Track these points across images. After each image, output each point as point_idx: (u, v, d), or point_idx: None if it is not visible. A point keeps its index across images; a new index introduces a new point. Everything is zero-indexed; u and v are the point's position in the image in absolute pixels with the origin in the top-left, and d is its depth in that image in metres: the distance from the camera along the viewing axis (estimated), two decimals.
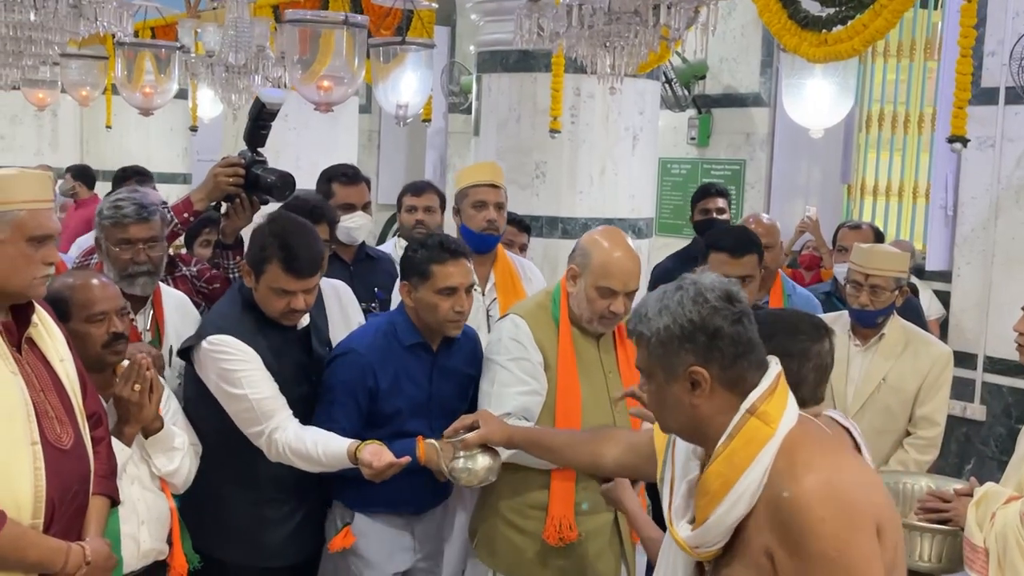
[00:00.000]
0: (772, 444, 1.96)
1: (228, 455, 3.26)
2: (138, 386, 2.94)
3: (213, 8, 5.75)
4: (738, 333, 2.02)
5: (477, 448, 2.90)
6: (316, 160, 5.86)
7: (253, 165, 3.80)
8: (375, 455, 3.04)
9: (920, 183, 7.45)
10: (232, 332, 3.21)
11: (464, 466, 2.90)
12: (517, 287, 4.15)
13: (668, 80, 7.96)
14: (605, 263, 3.29)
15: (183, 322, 3.51)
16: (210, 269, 3.89)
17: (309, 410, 3.30)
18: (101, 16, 3.43)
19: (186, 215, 3.78)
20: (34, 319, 2.60)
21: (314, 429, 3.21)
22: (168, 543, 3.08)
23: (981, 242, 6.20)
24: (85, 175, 9.47)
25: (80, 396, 2.66)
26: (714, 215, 5.51)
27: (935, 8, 7.32)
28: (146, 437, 3.03)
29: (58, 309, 2.83)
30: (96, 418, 2.73)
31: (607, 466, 2.80)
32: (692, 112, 8.39)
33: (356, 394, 3.28)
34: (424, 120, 6.53)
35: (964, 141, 3.59)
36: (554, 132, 5.05)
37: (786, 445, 1.97)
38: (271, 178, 3.78)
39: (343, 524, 3.38)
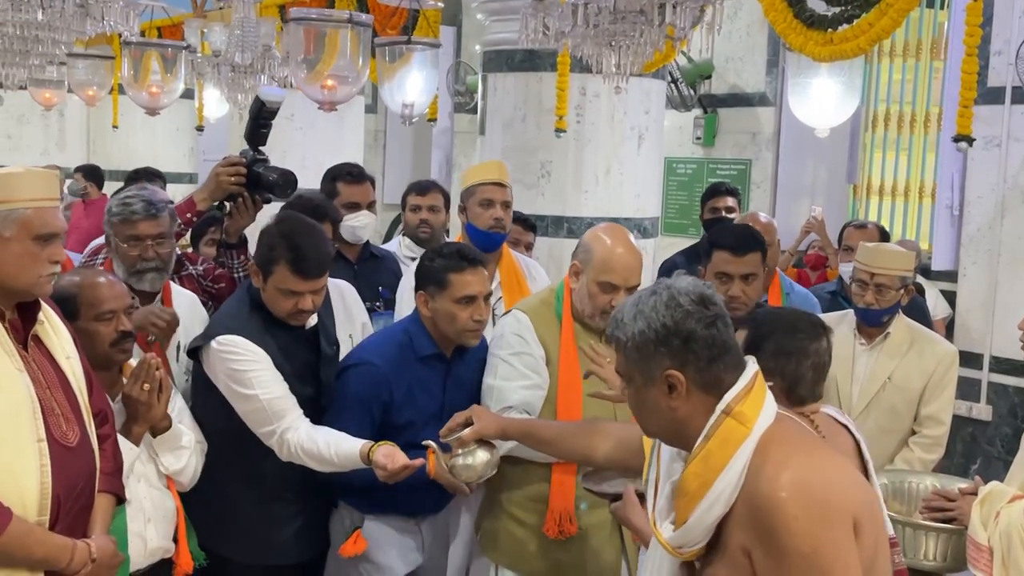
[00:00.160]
0: (748, 444, 1.98)
1: (235, 453, 3.26)
2: (147, 386, 2.95)
3: (219, 8, 5.76)
4: (712, 336, 2.04)
5: (474, 444, 2.92)
6: (322, 159, 5.86)
7: (254, 164, 3.81)
8: (389, 457, 3.04)
9: (926, 183, 7.44)
10: (241, 332, 3.21)
11: (463, 463, 2.92)
12: (522, 285, 4.16)
13: (674, 80, 7.95)
14: (607, 258, 3.32)
15: (192, 320, 3.53)
16: (216, 268, 3.90)
17: (316, 409, 3.31)
18: (108, 16, 3.43)
19: (189, 215, 3.80)
20: (40, 317, 2.61)
21: (326, 429, 3.21)
22: (174, 541, 3.09)
23: (987, 242, 6.19)
24: (95, 175, 9.50)
25: (86, 394, 2.67)
26: (723, 214, 5.51)
27: (941, 8, 7.31)
28: (154, 436, 3.04)
29: (66, 307, 2.84)
30: (102, 416, 2.74)
31: (598, 460, 2.85)
32: (698, 112, 8.38)
33: (370, 406, 3.28)
34: (430, 120, 6.54)
35: (970, 140, 3.58)
36: (559, 131, 5.04)
37: (762, 444, 1.98)
38: (272, 176, 3.78)
39: (353, 527, 3.37)
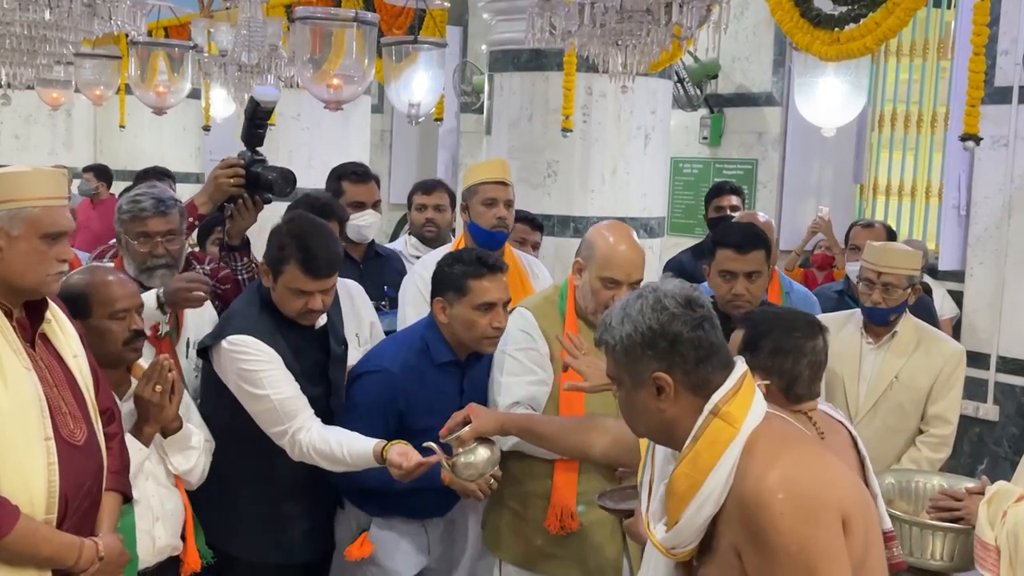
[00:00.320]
0: (736, 444, 1.99)
1: (244, 452, 3.27)
2: (159, 387, 2.95)
3: (226, 8, 5.77)
4: (699, 338, 2.05)
5: (474, 442, 2.92)
6: (328, 159, 5.87)
7: (253, 164, 3.82)
8: (403, 455, 3.04)
9: (933, 183, 7.42)
10: (251, 332, 3.21)
11: (465, 461, 2.92)
12: (525, 284, 4.16)
13: (680, 79, 7.94)
14: (608, 254, 3.33)
15: (201, 318, 3.53)
16: (222, 268, 3.91)
17: (324, 409, 3.31)
18: (115, 15, 3.44)
19: (191, 219, 3.80)
20: (48, 315, 2.62)
21: (337, 429, 3.21)
22: (181, 539, 3.10)
23: (994, 241, 6.17)
24: (105, 175, 9.53)
25: (93, 392, 2.67)
26: (728, 212, 5.52)
27: (948, 7, 7.30)
28: (165, 436, 3.04)
29: (78, 305, 2.84)
30: (109, 414, 2.75)
31: (595, 456, 2.88)
32: (704, 111, 8.38)
33: (385, 413, 3.28)
34: (436, 119, 6.55)
35: (977, 140, 3.58)
36: (566, 131, 5.05)
37: (750, 444, 1.99)
38: (272, 175, 3.80)
39: (359, 530, 3.38)
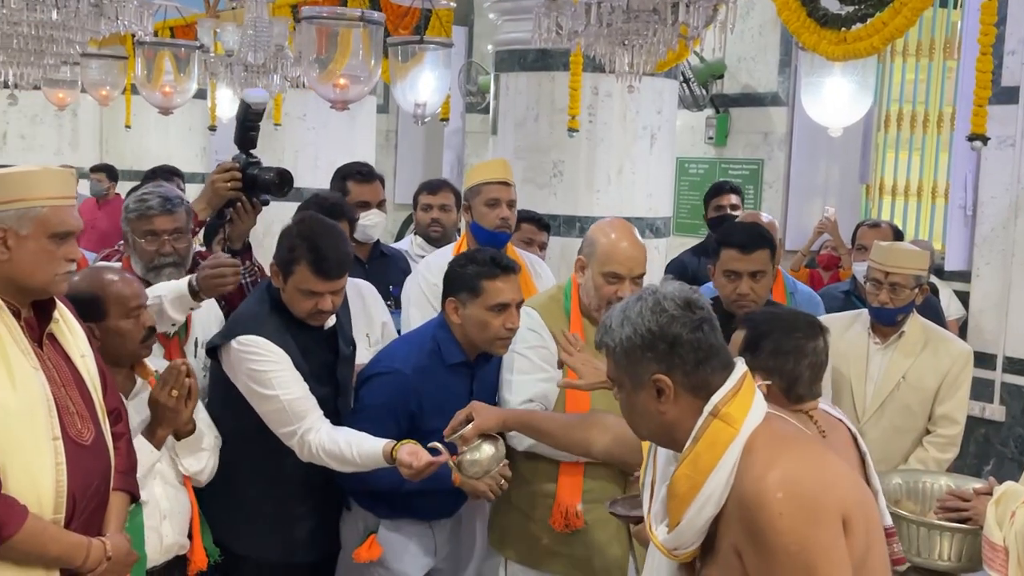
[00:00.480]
0: (736, 445, 1.99)
1: (252, 451, 3.27)
2: (176, 392, 2.96)
3: (232, 8, 5.78)
4: (698, 340, 2.06)
5: (478, 439, 2.92)
6: (334, 159, 5.87)
7: (248, 167, 3.83)
8: (414, 455, 3.04)
9: (939, 183, 7.42)
10: (261, 332, 3.21)
11: (470, 458, 2.93)
12: (528, 283, 4.16)
13: (686, 79, 7.94)
14: (610, 250, 3.35)
15: (209, 318, 3.55)
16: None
17: (333, 410, 3.31)
18: (122, 15, 3.43)
19: (192, 226, 3.81)
20: (55, 315, 2.62)
21: (346, 430, 3.21)
22: (188, 537, 3.10)
23: (1001, 242, 6.16)
24: (113, 174, 9.55)
25: (100, 392, 2.67)
26: (728, 211, 5.51)
27: (954, 7, 7.29)
28: (177, 439, 3.05)
29: (93, 309, 2.83)
30: (116, 414, 2.75)
31: (596, 453, 2.89)
32: (710, 111, 8.37)
33: (397, 415, 3.27)
34: (442, 119, 6.55)
35: (985, 140, 3.58)
36: (572, 131, 5.04)
37: (750, 444, 2.00)
38: (269, 175, 3.81)
39: (367, 532, 3.37)
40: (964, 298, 6.44)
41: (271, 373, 3.18)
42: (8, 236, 2.47)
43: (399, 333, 3.96)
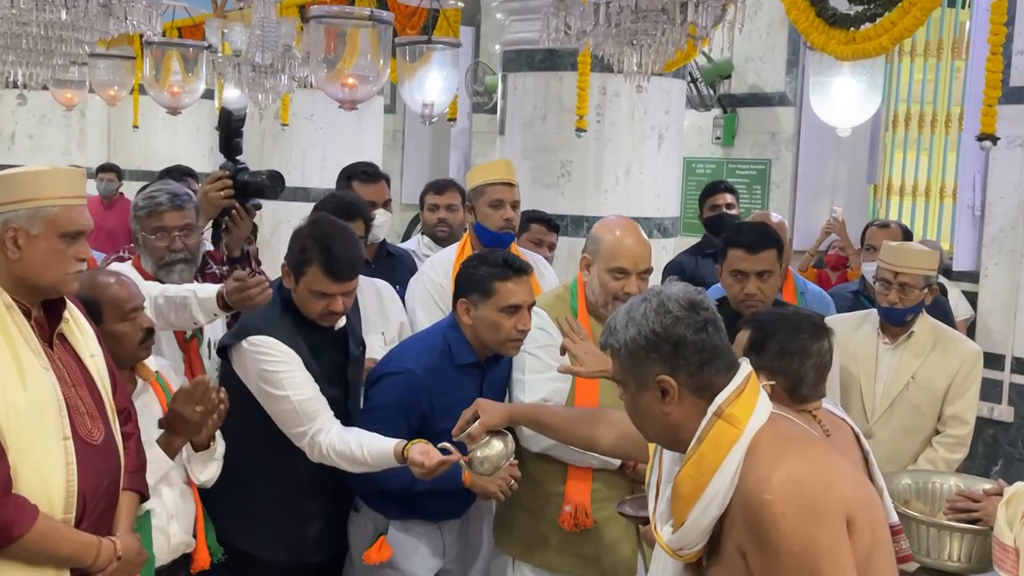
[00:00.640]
0: (740, 445, 2.00)
1: (262, 451, 3.27)
2: (200, 408, 2.95)
3: (240, 8, 5.78)
4: (702, 341, 2.06)
5: (487, 436, 2.93)
6: (341, 159, 5.88)
7: (238, 174, 3.85)
8: (425, 454, 3.03)
9: (947, 183, 7.40)
10: (272, 333, 3.21)
11: (481, 455, 2.93)
12: (533, 283, 4.16)
13: (693, 80, 7.94)
14: (614, 246, 3.37)
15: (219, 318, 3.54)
16: (236, 268, 3.92)
17: (343, 410, 3.31)
18: (131, 15, 3.44)
19: (200, 222, 3.81)
20: (65, 315, 2.62)
21: (357, 430, 3.21)
22: (193, 536, 3.10)
23: (1009, 242, 6.15)
24: (119, 174, 9.57)
25: (110, 392, 2.67)
26: (724, 211, 5.50)
27: (963, 7, 7.28)
28: (196, 450, 3.06)
29: (89, 312, 2.83)
30: (126, 414, 2.75)
31: (602, 449, 2.88)
32: (717, 112, 8.37)
33: (408, 415, 3.27)
34: (449, 119, 6.56)
35: (994, 139, 3.58)
36: (580, 131, 5.05)
37: (754, 445, 2.00)
38: (260, 178, 3.83)
39: (377, 533, 3.37)
40: (972, 299, 6.43)
41: (282, 374, 3.18)
42: (19, 236, 2.47)
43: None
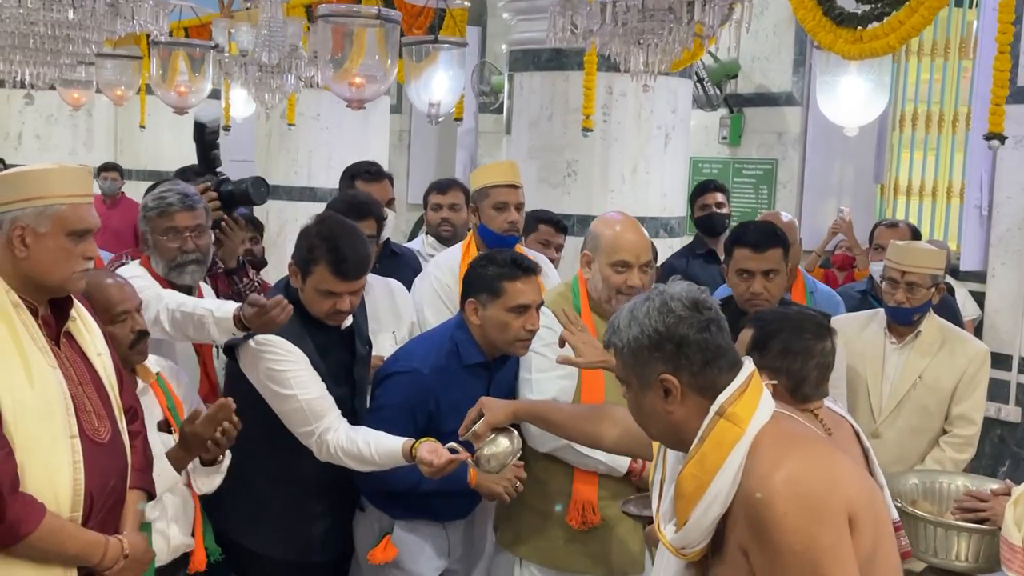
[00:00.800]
0: (742, 444, 2.00)
1: (268, 450, 3.27)
2: (220, 431, 2.95)
3: (247, 8, 5.79)
4: (705, 340, 2.07)
5: (492, 433, 2.92)
6: (347, 159, 5.87)
7: (221, 185, 3.86)
8: (433, 452, 3.04)
9: (954, 183, 7.39)
10: (279, 332, 3.19)
11: (488, 453, 2.92)
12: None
13: (700, 79, 7.93)
14: (615, 240, 3.38)
15: None
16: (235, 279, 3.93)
17: (349, 409, 3.31)
18: (138, 15, 3.44)
19: (210, 222, 3.81)
20: (72, 313, 2.63)
21: (364, 429, 3.21)
22: (192, 536, 3.11)
23: (1017, 242, 6.13)
24: (121, 173, 9.58)
25: (117, 390, 2.68)
26: (713, 210, 5.49)
27: (970, 7, 7.26)
28: (203, 464, 3.06)
29: None
30: (132, 412, 2.75)
31: (606, 446, 2.88)
32: (724, 111, 8.36)
33: (415, 414, 3.27)
34: (456, 119, 6.56)
35: (1002, 139, 3.57)
36: (586, 131, 5.04)
37: (756, 444, 2.00)
38: (244, 187, 3.84)
39: (382, 533, 3.37)
40: (979, 298, 6.41)
41: (289, 373, 3.18)
42: (26, 234, 2.48)
43: None
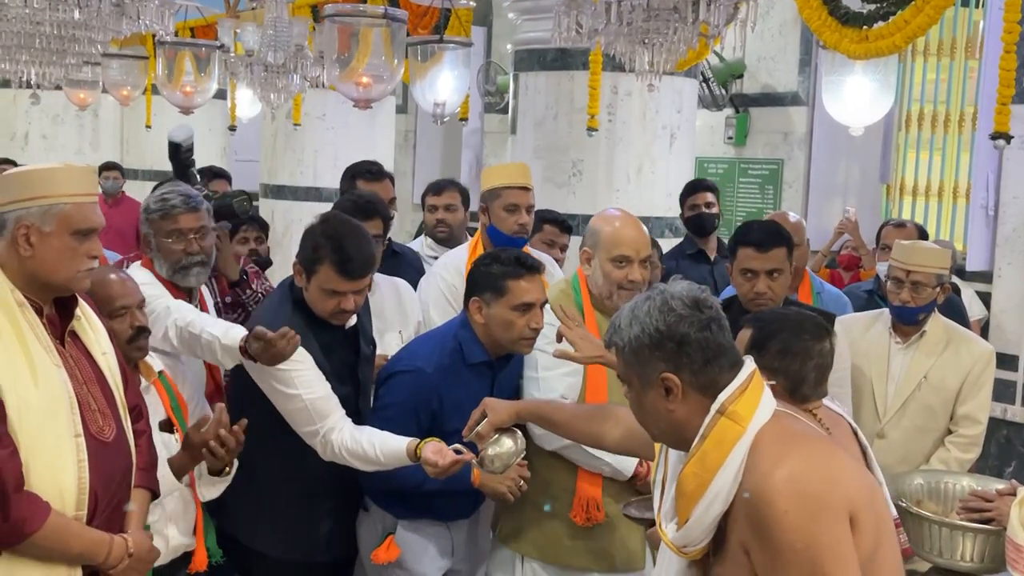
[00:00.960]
0: (743, 443, 2.00)
1: (273, 450, 3.27)
2: (218, 444, 2.96)
3: (252, 8, 5.80)
4: (705, 339, 2.07)
5: (496, 433, 2.92)
6: (353, 159, 5.85)
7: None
8: (439, 453, 3.04)
9: (960, 183, 7.38)
10: None
11: (492, 453, 2.92)
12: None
13: (705, 79, 7.93)
14: (614, 235, 3.39)
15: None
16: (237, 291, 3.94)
17: (353, 409, 3.30)
18: (144, 15, 3.45)
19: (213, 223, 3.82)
20: (77, 312, 2.63)
21: (369, 429, 3.21)
22: (193, 535, 3.11)
23: (1022, 242, 6.12)
24: (123, 172, 9.59)
25: (122, 389, 2.68)
26: (703, 210, 5.47)
27: (976, 6, 7.25)
28: (211, 473, 3.06)
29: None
30: (137, 411, 2.76)
31: (609, 446, 2.89)
32: (729, 111, 8.36)
33: (418, 413, 3.27)
34: (461, 119, 6.56)
35: (1008, 138, 3.57)
36: (591, 130, 5.04)
37: (757, 442, 2.01)
38: (228, 200, 3.86)
39: (385, 533, 3.37)
40: (986, 299, 6.41)
41: (294, 372, 3.17)
42: (31, 233, 2.48)
43: None
